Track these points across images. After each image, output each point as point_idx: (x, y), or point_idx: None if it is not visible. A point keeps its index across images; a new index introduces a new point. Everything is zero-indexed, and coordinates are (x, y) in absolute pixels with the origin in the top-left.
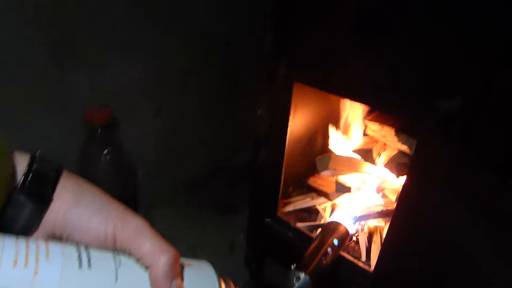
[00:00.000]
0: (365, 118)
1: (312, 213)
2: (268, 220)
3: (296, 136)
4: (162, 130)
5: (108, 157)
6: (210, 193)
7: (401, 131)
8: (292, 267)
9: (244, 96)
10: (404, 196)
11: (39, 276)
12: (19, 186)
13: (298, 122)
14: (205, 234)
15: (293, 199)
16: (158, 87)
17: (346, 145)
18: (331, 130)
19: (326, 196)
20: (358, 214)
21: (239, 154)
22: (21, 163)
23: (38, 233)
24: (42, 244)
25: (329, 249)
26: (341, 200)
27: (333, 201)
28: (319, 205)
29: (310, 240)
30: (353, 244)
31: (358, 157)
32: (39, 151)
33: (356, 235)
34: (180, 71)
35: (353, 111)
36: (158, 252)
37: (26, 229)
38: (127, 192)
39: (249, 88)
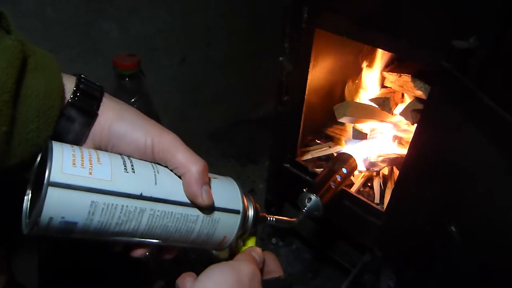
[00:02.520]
0: (383, 70)
1: (329, 161)
2: (287, 165)
3: (316, 85)
4: (186, 80)
5: (135, 105)
6: (231, 144)
7: (417, 77)
8: (304, 190)
9: (268, 48)
10: (416, 138)
11: (93, 174)
12: (69, 101)
13: (318, 71)
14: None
15: (312, 147)
16: (184, 37)
17: (364, 95)
18: (350, 80)
19: (343, 143)
20: (371, 158)
21: (261, 107)
22: (69, 83)
23: (86, 144)
24: (92, 151)
25: (338, 176)
26: (357, 146)
27: (348, 146)
28: (333, 150)
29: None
30: (368, 189)
31: (375, 106)
32: (83, 76)
33: (373, 173)
34: (206, 22)
35: (372, 62)
36: (191, 162)
37: (76, 140)
38: None
39: (273, 40)
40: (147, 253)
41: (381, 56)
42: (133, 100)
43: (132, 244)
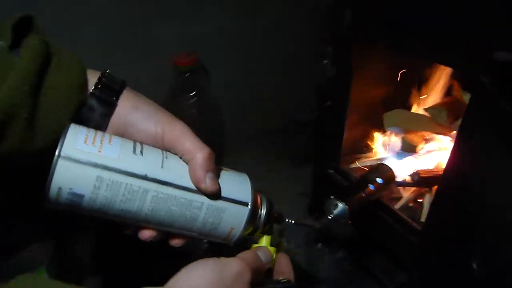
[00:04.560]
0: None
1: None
2: (331, 171)
3: (363, 90)
4: (246, 78)
5: (193, 101)
6: (288, 145)
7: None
8: (331, 196)
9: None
10: (451, 158)
11: (102, 152)
12: (91, 93)
13: (366, 75)
14: (277, 181)
15: (357, 155)
16: (244, 36)
17: (420, 103)
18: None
19: (391, 153)
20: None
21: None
22: (93, 77)
23: (106, 132)
24: (107, 134)
25: (371, 186)
26: (405, 159)
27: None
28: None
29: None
30: (417, 206)
31: (429, 116)
32: (108, 70)
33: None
34: (266, 21)
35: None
36: (196, 149)
37: (98, 128)
38: (211, 134)
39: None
40: (155, 237)
41: None
42: (191, 95)
43: (140, 226)
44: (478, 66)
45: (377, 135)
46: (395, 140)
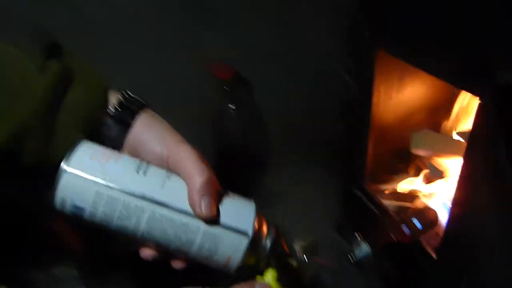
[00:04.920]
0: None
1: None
2: (357, 191)
3: (391, 107)
4: (291, 91)
5: (236, 112)
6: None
7: None
8: (356, 234)
9: None
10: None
11: (104, 169)
12: (109, 112)
13: (394, 92)
14: (316, 193)
15: (384, 177)
16: (291, 49)
17: (451, 126)
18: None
19: (418, 178)
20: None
21: None
22: (113, 97)
23: (122, 150)
24: (115, 152)
25: (406, 229)
26: (434, 185)
27: (425, 185)
28: (410, 186)
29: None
30: None
31: (461, 140)
32: (128, 91)
33: None
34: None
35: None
36: (196, 172)
37: (114, 146)
38: (255, 146)
39: None
40: (155, 257)
41: None
42: (233, 107)
43: (140, 243)
44: (479, 86)
45: (404, 156)
46: (423, 164)
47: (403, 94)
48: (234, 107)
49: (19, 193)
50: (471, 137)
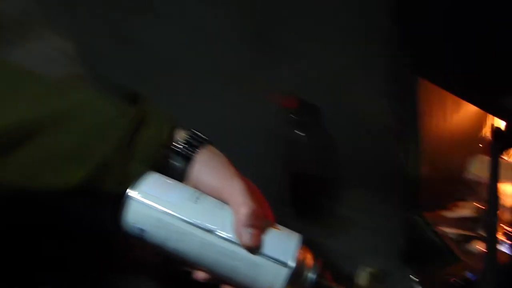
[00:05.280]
0: None
1: (463, 220)
2: (414, 217)
3: (446, 130)
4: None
5: (306, 139)
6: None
7: None
8: (411, 276)
9: None
10: None
11: (164, 197)
12: (174, 148)
13: (448, 114)
14: (381, 220)
15: (442, 203)
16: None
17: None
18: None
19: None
20: None
21: None
22: (178, 135)
23: (184, 182)
24: (174, 182)
25: (468, 273)
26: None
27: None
28: (470, 214)
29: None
30: None
31: None
32: (193, 130)
33: None
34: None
35: None
36: (242, 204)
37: (178, 178)
38: (325, 171)
39: None
40: (208, 280)
41: None
42: (302, 134)
43: (193, 266)
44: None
45: (460, 183)
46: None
47: (456, 119)
48: (303, 134)
49: (97, 214)
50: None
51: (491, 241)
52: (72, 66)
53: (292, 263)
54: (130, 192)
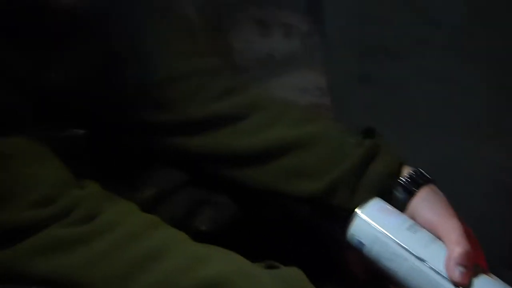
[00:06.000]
0: None
1: None
2: None
3: None
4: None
5: None
6: None
7: None
8: None
9: None
10: None
11: (386, 221)
12: (399, 181)
13: None
14: None
15: None
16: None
17: None
18: None
19: None
20: None
21: None
22: (407, 170)
23: (403, 211)
24: (395, 211)
25: None
26: None
27: None
28: None
29: None
30: None
31: None
32: (419, 168)
33: None
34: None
35: None
36: (458, 244)
37: (399, 207)
38: None
39: None
40: None
41: None
42: None
43: (397, 285)
44: None
45: None
46: None
47: None
48: None
49: (325, 222)
50: None
51: None
52: (320, 97)
53: None
54: (358, 210)
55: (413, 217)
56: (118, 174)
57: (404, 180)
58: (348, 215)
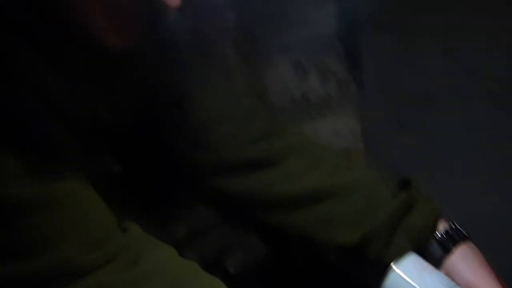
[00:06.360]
0: None
1: None
2: None
3: None
4: None
5: None
6: None
7: None
8: None
9: None
10: None
11: (422, 278)
12: (436, 237)
13: None
14: None
15: None
16: None
17: None
18: None
19: None
20: None
21: None
22: (442, 225)
23: (441, 269)
24: (432, 268)
25: None
26: None
27: None
28: None
29: None
30: None
31: None
32: (455, 222)
33: None
34: None
35: None
36: None
37: (435, 263)
38: None
39: None
40: None
41: None
42: None
43: None
44: None
45: None
46: None
47: None
48: None
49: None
50: None
51: None
52: (354, 142)
53: None
54: (394, 264)
55: (449, 275)
56: (151, 212)
57: (440, 235)
58: (382, 268)
